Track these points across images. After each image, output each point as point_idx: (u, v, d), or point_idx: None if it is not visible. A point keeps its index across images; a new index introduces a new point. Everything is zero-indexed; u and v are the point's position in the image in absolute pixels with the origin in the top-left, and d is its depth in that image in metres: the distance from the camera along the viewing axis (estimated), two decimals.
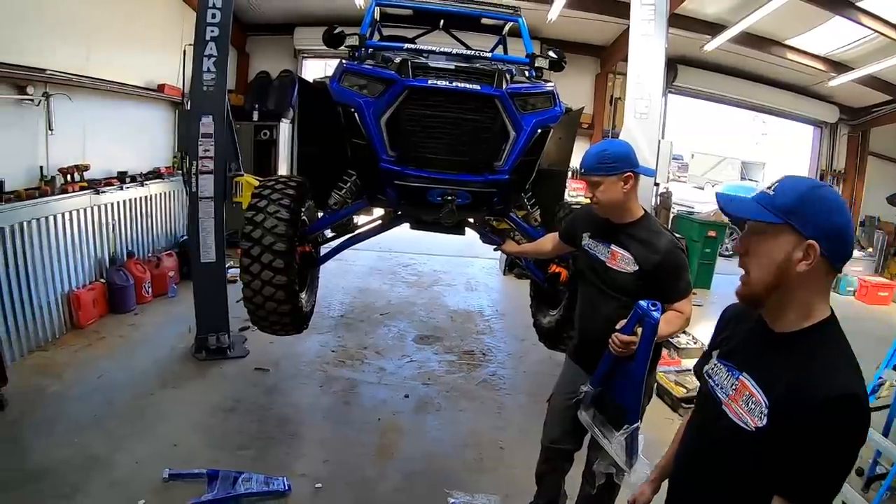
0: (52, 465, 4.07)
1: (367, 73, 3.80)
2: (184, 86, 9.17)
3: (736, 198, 1.74)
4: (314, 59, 12.93)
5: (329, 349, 6.43)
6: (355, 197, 4.19)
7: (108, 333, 6.57)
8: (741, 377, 1.67)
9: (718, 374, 1.78)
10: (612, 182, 2.85)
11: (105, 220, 7.30)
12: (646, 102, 5.97)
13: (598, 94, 12.56)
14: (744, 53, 11.50)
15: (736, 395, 1.65)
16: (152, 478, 3.97)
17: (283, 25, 11.80)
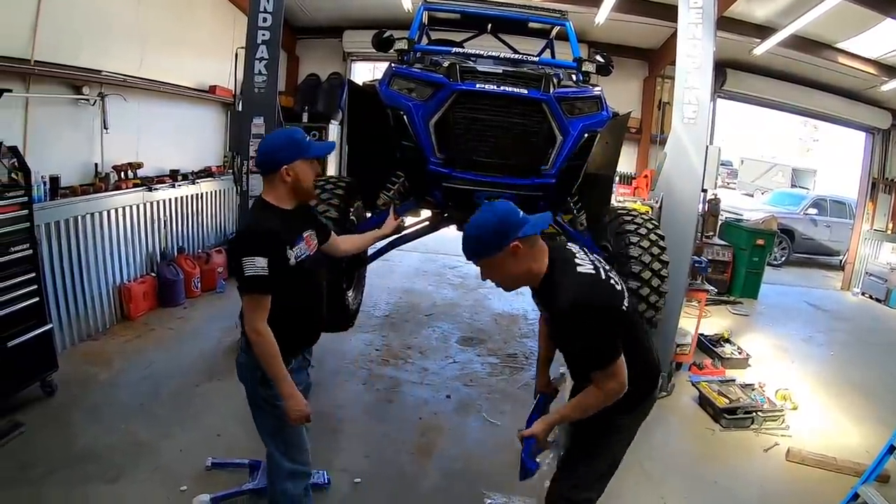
0: (98, 449, 4.24)
1: (416, 76, 3.86)
2: (235, 87, 9.39)
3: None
4: (363, 61, 13.06)
5: (374, 347, 6.52)
6: (403, 198, 4.25)
7: (157, 325, 6.78)
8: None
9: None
10: (500, 258, 2.50)
11: (157, 217, 7.53)
12: (694, 107, 5.89)
13: (646, 99, 12.41)
14: (793, 57, 11.22)
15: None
16: (195, 465, 4.10)
17: (332, 28, 11.93)
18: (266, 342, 2.67)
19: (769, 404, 5.59)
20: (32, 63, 5.54)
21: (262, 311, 2.68)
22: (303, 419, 2.81)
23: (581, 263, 2.55)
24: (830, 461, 4.95)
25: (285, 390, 2.73)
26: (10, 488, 3.63)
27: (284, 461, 2.98)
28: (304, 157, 2.82)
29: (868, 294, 12.26)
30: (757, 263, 10.34)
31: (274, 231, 2.74)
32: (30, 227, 4.87)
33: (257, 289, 2.66)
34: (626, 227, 4.25)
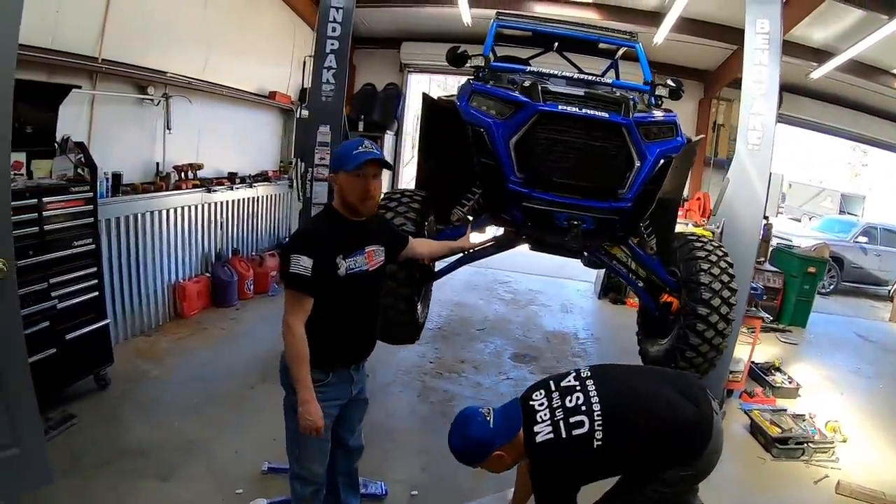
0: (151, 446, 4.29)
1: (498, 95, 3.87)
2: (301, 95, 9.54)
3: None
4: (419, 73, 13.24)
5: (427, 360, 6.53)
6: (477, 214, 4.27)
7: (210, 325, 6.89)
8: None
9: None
10: (491, 463, 2.85)
11: (214, 218, 7.68)
12: (758, 134, 5.83)
13: (700, 120, 12.29)
14: (849, 82, 11.16)
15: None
16: (250, 469, 4.13)
17: (390, 39, 12.07)
18: (295, 340, 2.71)
19: (820, 435, 5.50)
20: (100, 61, 5.68)
21: (299, 310, 2.72)
22: (311, 430, 2.78)
23: (540, 429, 2.74)
24: (879, 496, 4.85)
25: (302, 395, 2.74)
26: (61, 479, 3.66)
27: (296, 466, 3.04)
28: (344, 170, 2.80)
29: None
30: (808, 291, 10.14)
31: (324, 235, 2.78)
32: (93, 222, 4.99)
33: (297, 287, 2.70)
34: (697, 254, 4.22)
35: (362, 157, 2.79)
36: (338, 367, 2.97)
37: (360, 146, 2.84)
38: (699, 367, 4.23)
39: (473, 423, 2.84)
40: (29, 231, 4.26)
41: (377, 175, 2.89)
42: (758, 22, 5.85)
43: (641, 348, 4.82)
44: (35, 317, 4.27)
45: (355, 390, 3.14)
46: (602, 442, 2.64)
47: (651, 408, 2.78)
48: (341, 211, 2.89)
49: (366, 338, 3.13)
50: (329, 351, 2.87)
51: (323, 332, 2.79)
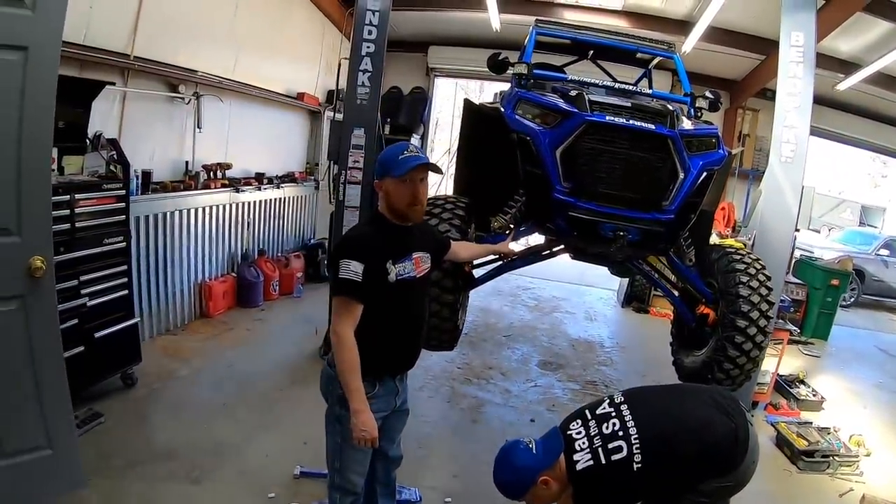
0: (180, 447, 4.28)
1: (544, 103, 3.87)
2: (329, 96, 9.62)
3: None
4: (445, 77, 13.24)
5: (455, 366, 6.52)
6: (518, 222, 4.26)
7: (236, 325, 6.91)
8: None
9: None
10: (535, 494, 2.83)
11: (241, 218, 7.72)
12: (792, 147, 5.81)
13: (726, 129, 12.09)
14: (875, 94, 11.07)
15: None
16: (283, 472, 4.11)
17: (417, 43, 12.04)
18: (346, 348, 2.62)
19: (845, 449, 5.48)
20: (132, 58, 5.70)
21: (349, 316, 2.64)
22: (366, 441, 2.68)
23: (579, 457, 2.76)
24: None
25: (355, 404, 2.65)
26: (90, 479, 3.64)
27: (336, 476, 2.98)
28: (391, 175, 2.75)
29: None
30: (830, 304, 10.08)
31: (374, 241, 2.73)
32: (125, 220, 4.99)
33: (348, 293, 2.63)
34: (736, 266, 4.20)
35: (411, 163, 2.74)
36: (385, 378, 2.93)
37: (405, 150, 2.80)
38: (736, 378, 4.22)
39: (517, 450, 2.88)
40: (60, 228, 4.23)
41: (424, 179, 2.86)
42: (792, 34, 5.85)
43: (676, 359, 4.80)
44: (65, 314, 4.22)
45: (399, 401, 3.09)
46: (642, 465, 2.65)
47: (687, 425, 2.79)
48: (388, 216, 2.84)
49: (413, 347, 3.08)
50: (377, 361, 2.80)
51: (372, 341, 2.71)
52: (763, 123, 11.53)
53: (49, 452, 3.20)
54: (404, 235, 2.86)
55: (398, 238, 2.83)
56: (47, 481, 3.24)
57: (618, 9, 9.74)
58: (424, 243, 3.02)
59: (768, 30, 8.57)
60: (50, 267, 3.05)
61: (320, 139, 10.06)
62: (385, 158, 2.85)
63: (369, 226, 2.90)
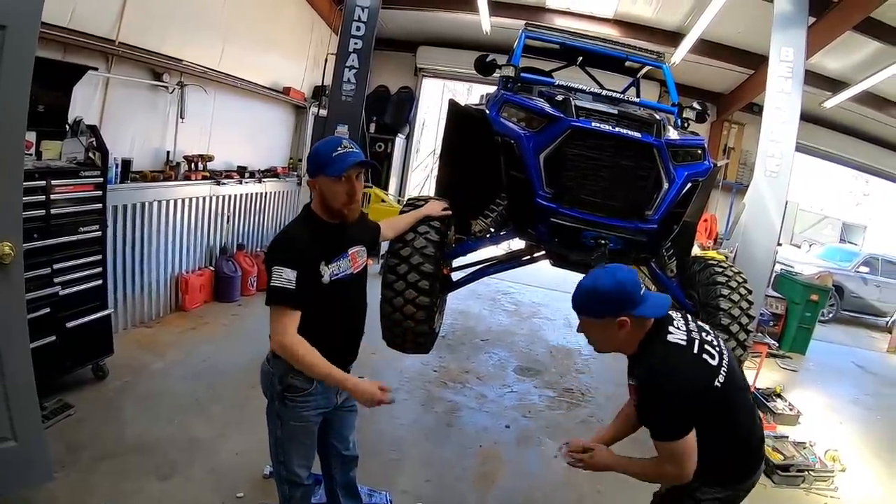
0: (151, 442, 4.22)
1: (530, 107, 3.81)
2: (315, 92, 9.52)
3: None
4: (433, 78, 13.24)
5: (431, 368, 6.47)
6: (499, 227, 4.21)
7: (212, 320, 6.83)
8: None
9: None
10: (605, 325, 2.48)
11: (221, 211, 7.63)
12: (777, 161, 5.84)
13: (712, 142, 12.25)
14: (861, 113, 11.25)
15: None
16: (252, 472, 4.06)
17: (406, 43, 12.07)
18: (298, 350, 2.57)
19: (820, 464, 5.52)
20: (117, 44, 5.62)
21: (289, 323, 2.58)
22: (375, 402, 2.67)
23: (673, 332, 2.50)
24: None
25: (346, 385, 2.65)
26: (59, 472, 3.59)
27: (282, 470, 2.95)
28: (325, 174, 2.66)
29: None
30: (809, 319, 10.13)
31: (307, 243, 2.66)
32: (102, 208, 4.91)
33: (283, 302, 2.57)
34: (717, 279, 4.17)
35: (347, 161, 2.66)
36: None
37: (339, 146, 2.70)
38: None
39: (631, 276, 2.54)
40: (35, 214, 4.18)
41: (360, 176, 2.77)
42: (782, 50, 5.89)
43: None
44: (36, 302, 4.19)
45: (341, 398, 3.03)
46: (721, 387, 2.44)
47: (749, 404, 2.68)
48: (322, 215, 2.77)
49: (351, 343, 3.04)
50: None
51: (308, 338, 2.65)
52: (748, 137, 11.67)
53: (13, 444, 3.11)
54: (339, 233, 2.80)
55: (332, 236, 2.77)
56: (11, 473, 3.15)
57: (609, 17, 9.79)
58: (360, 236, 2.98)
59: (758, 45, 8.61)
60: (18, 253, 2.97)
61: (305, 134, 9.98)
62: (318, 155, 2.74)
63: (302, 227, 2.78)
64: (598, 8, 9.59)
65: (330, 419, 3.06)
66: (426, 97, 13.49)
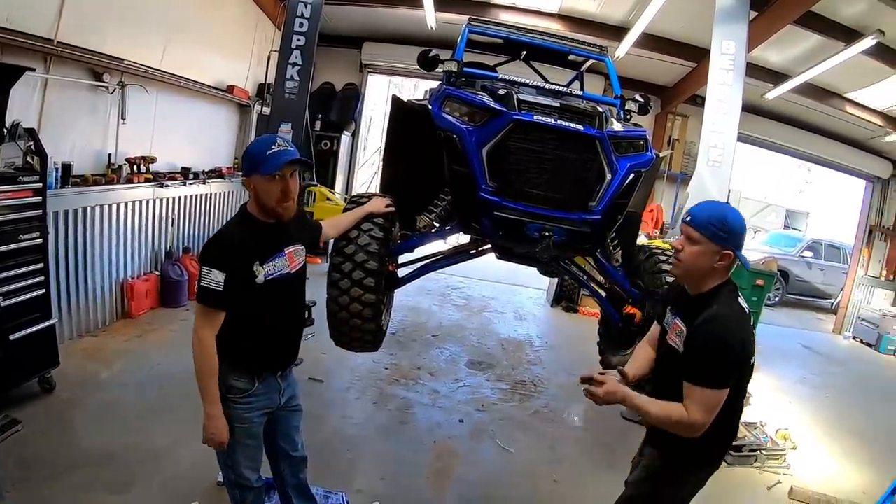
0: (105, 454, 4.12)
1: (472, 101, 3.81)
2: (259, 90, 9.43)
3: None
4: (379, 74, 13.13)
5: (382, 366, 6.45)
6: (444, 222, 4.21)
7: (160, 326, 6.68)
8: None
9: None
10: (711, 250, 2.49)
11: (165, 214, 7.46)
12: (719, 151, 5.98)
13: (656, 134, 12.47)
14: (803, 104, 11.51)
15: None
16: (207, 479, 3.98)
17: (352, 39, 11.93)
18: (205, 355, 2.61)
19: (771, 443, 5.67)
20: (55, 43, 5.45)
21: (210, 323, 2.62)
22: (215, 444, 2.72)
23: (741, 298, 2.64)
24: (832, 500, 5.09)
25: (209, 410, 2.66)
26: (9, 490, 3.51)
27: (230, 474, 2.94)
28: (259, 172, 2.65)
29: (859, 339, 12.66)
30: (756, 303, 10.29)
31: (239, 245, 2.65)
32: (42, 214, 4.77)
33: (208, 302, 2.59)
34: (662, 267, 4.25)
35: (281, 159, 2.65)
36: (264, 375, 2.86)
37: (273, 144, 2.68)
38: None
39: (743, 220, 2.62)
40: None
41: (294, 174, 2.77)
42: (724, 43, 6.02)
43: (603, 358, 4.84)
44: None
45: (284, 398, 3.03)
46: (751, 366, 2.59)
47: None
48: (257, 214, 2.74)
49: (291, 342, 3.03)
50: (254, 358, 2.79)
51: (247, 339, 2.69)
52: (692, 129, 11.85)
53: None
54: (275, 232, 2.79)
55: (268, 236, 2.76)
56: None
57: (554, 12, 9.84)
58: (298, 235, 2.97)
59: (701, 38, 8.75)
60: None
61: (249, 134, 9.82)
62: (252, 154, 2.73)
63: (236, 227, 2.76)
64: (543, 3, 9.63)
65: (274, 419, 3.04)
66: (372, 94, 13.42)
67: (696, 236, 2.53)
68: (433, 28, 10.03)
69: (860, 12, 7.75)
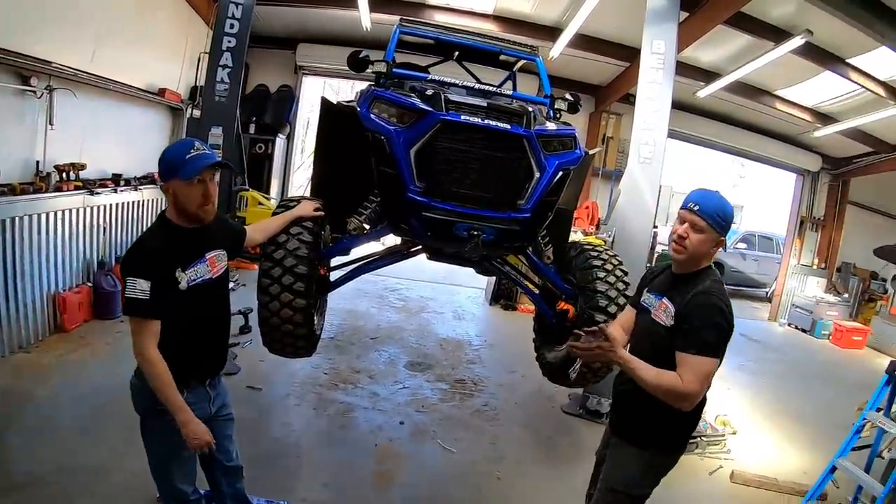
0: (42, 474, 3.99)
1: (399, 102, 3.80)
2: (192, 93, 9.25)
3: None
4: (314, 76, 13.01)
5: (321, 371, 6.39)
6: (374, 223, 4.19)
7: (94, 340, 6.46)
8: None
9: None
10: (711, 237, 2.72)
11: (97, 223, 7.23)
12: (650, 148, 6.09)
13: (591, 133, 12.83)
14: (735, 101, 11.89)
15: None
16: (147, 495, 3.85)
17: (286, 40, 11.84)
18: (154, 367, 2.57)
19: (711, 429, 5.81)
20: None
21: (148, 335, 2.57)
22: (202, 447, 2.69)
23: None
24: (772, 482, 5.29)
25: (180, 417, 2.62)
26: None
27: (166, 488, 2.93)
28: (179, 177, 2.64)
29: (794, 325, 13.40)
30: None
31: (160, 251, 2.62)
32: None
33: (138, 313, 2.55)
34: (593, 263, 4.31)
35: (201, 163, 2.66)
36: (192, 385, 2.83)
37: (192, 148, 2.70)
38: (597, 371, 4.30)
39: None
40: None
41: (213, 178, 2.78)
42: (654, 42, 6.13)
43: (539, 354, 4.87)
44: None
45: (214, 407, 3.01)
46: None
47: None
48: (177, 220, 2.73)
49: (217, 349, 3.03)
50: (180, 367, 2.70)
51: (172, 348, 2.64)
52: (626, 127, 12.13)
53: None
54: (196, 238, 2.78)
55: (189, 242, 2.74)
56: None
57: (489, 13, 9.92)
58: (219, 240, 2.95)
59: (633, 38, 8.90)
60: None
61: (181, 137, 9.46)
62: (170, 159, 2.70)
63: (156, 234, 2.74)
64: (478, 4, 9.70)
65: None
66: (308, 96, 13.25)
67: (702, 225, 2.72)
68: (368, 29, 10.01)
69: (789, 13, 8.02)
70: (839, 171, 14.09)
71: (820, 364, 10.79)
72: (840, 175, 14.15)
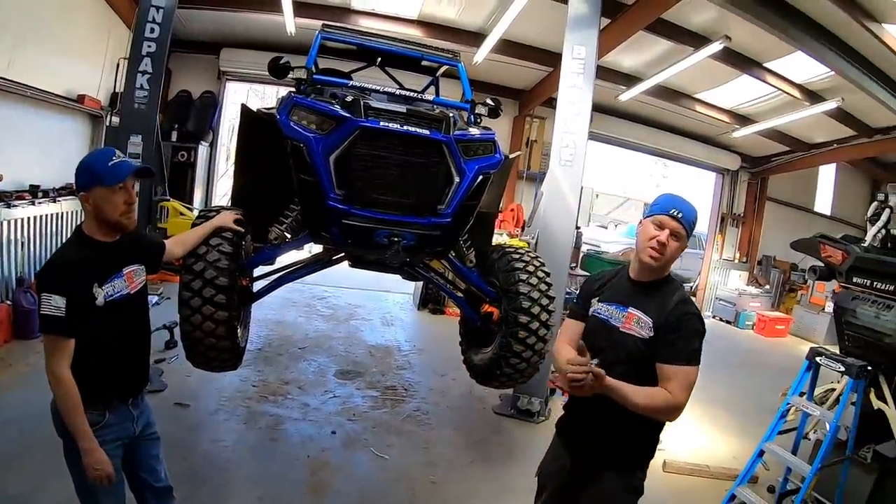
0: None
1: (318, 109, 3.79)
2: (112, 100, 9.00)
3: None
4: (238, 81, 12.76)
5: (250, 383, 6.27)
6: (296, 232, 4.16)
7: (15, 361, 6.12)
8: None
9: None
10: (684, 245, 2.68)
11: (14, 237, 6.90)
12: (571, 150, 6.22)
13: (515, 136, 13.05)
14: (656, 104, 12.28)
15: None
16: None
17: (209, 45, 11.60)
18: (65, 389, 2.50)
19: None
20: None
21: (61, 354, 2.50)
22: (102, 479, 2.60)
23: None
24: (704, 469, 5.51)
25: (84, 445, 2.55)
26: None
27: None
28: (102, 185, 2.58)
29: (718, 317, 13.99)
30: None
31: (76, 266, 2.56)
32: None
33: (53, 330, 2.49)
34: (515, 265, 4.37)
35: (124, 168, 2.63)
36: (114, 405, 2.76)
37: (113, 156, 2.66)
38: (524, 371, 4.37)
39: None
40: None
41: (133, 186, 2.75)
42: (575, 48, 6.27)
43: (466, 357, 4.92)
44: None
45: (139, 427, 2.93)
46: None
47: None
48: (94, 234, 2.67)
49: (138, 367, 2.95)
50: (100, 388, 2.66)
51: (91, 368, 2.58)
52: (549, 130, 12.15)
53: None
54: (112, 252, 2.72)
55: (105, 257, 2.68)
56: None
57: (414, 18, 9.95)
58: (136, 255, 2.90)
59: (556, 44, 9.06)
60: None
61: (101, 146, 9.15)
62: (91, 166, 2.63)
63: (72, 249, 2.67)
64: (402, 9, 9.72)
65: (132, 451, 2.92)
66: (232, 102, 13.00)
67: (683, 234, 2.68)
68: (293, 34, 9.92)
69: (709, 19, 8.32)
70: (758, 169, 14.82)
71: (745, 353, 11.27)
72: (758, 173, 14.88)
